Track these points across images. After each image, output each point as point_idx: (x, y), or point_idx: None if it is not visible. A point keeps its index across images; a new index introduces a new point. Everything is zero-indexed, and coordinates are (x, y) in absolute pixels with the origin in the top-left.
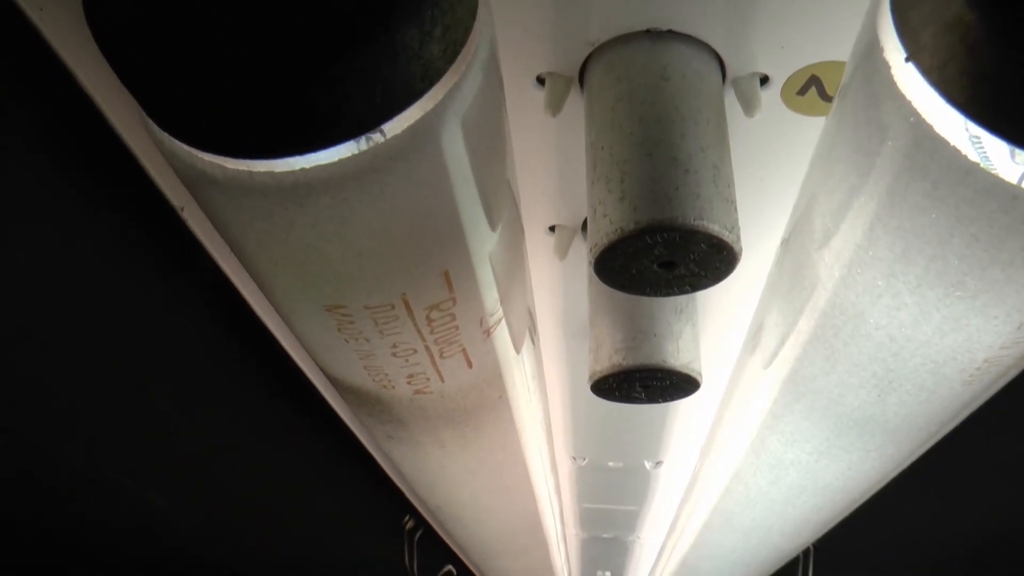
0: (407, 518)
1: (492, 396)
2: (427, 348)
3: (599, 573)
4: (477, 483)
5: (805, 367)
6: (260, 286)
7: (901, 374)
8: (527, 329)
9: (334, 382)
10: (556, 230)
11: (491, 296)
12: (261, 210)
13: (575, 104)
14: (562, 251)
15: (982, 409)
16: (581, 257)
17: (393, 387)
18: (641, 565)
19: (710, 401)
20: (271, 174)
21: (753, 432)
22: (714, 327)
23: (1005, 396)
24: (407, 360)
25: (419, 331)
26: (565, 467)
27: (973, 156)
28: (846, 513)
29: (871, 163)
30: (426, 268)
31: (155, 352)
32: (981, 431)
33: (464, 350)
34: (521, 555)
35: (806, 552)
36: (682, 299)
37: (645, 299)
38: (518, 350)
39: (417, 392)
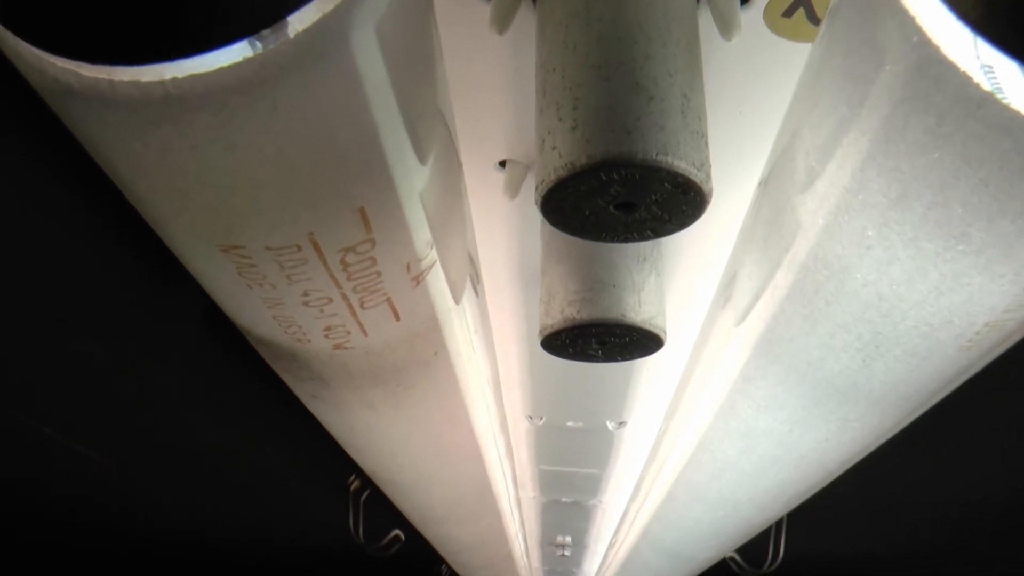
0: (352, 478)
1: (426, 352)
2: (344, 297)
3: (559, 538)
4: (414, 447)
5: (781, 326)
6: (146, 219)
7: (890, 337)
8: (468, 277)
9: (245, 333)
10: (507, 165)
11: (420, 238)
12: (129, 128)
13: (527, 20)
14: (513, 189)
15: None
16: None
17: (309, 341)
18: (603, 531)
19: (679, 359)
20: (136, 84)
21: (722, 396)
22: (682, 278)
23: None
24: (322, 310)
25: (333, 277)
26: (521, 427)
27: (986, 85)
28: (822, 485)
29: (865, 92)
30: (336, 203)
31: (78, 293)
32: (966, 395)
33: (389, 300)
34: (469, 522)
35: (779, 522)
36: (646, 245)
37: (603, 245)
38: (457, 300)
39: (337, 347)
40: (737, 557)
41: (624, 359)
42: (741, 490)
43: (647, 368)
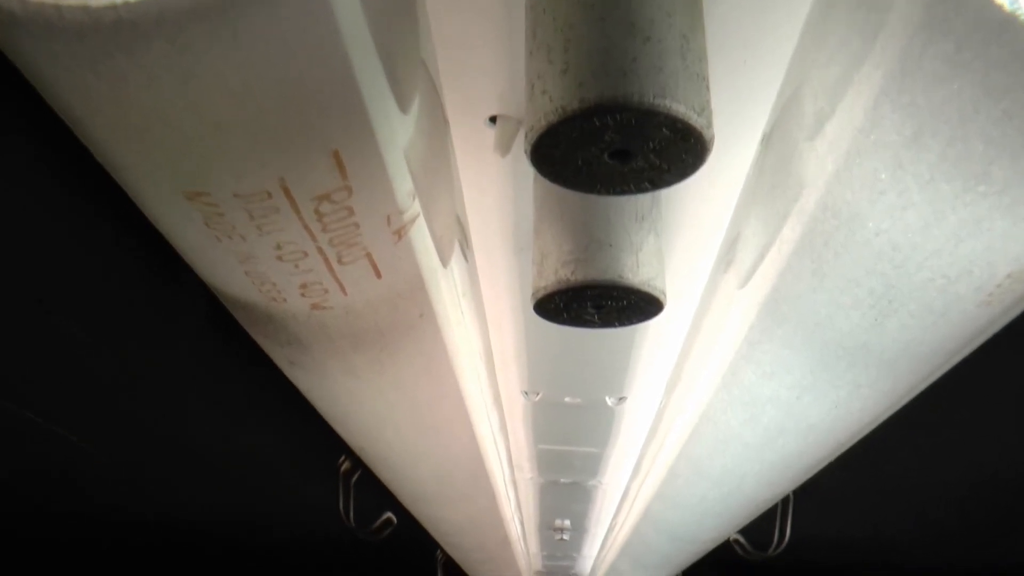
0: (342, 459)
1: (411, 314)
2: (320, 251)
3: (558, 522)
4: (401, 420)
5: (788, 284)
6: (107, 167)
7: (904, 292)
8: (455, 239)
9: (217, 293)
10: (498, 121)
11: (401, 188)
12: (80, 59)
13: None
14: (504, 146)
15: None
16: None
17: (284, 300)
18: (603, 513)
19: (680, 328)
20: (85, 9)
21: (725, 364)
22: (682, 241)
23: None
24: (296, 265)
25: (307, 228)
26: (517, 404)
27: (1008, 6)
28: (831, 458)
29: (879, 21)
30: (308, 146)
31: (58, 271)
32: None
33: (369, 255)
34: (461, 503)
35: (784, 500)
36: (644, 203)
37: (599, 202)
38: (444, 262)
39: (315, 307)
40: (742, 539)
41: (622, 324)
42: (746, 464)
43: (647, 339)
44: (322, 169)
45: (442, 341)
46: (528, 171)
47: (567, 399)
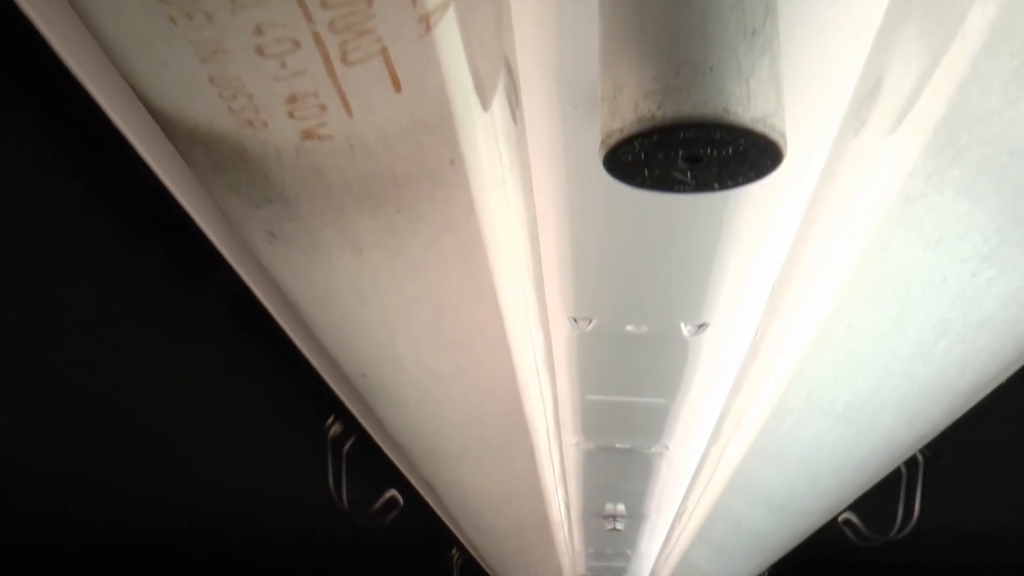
0: (330, 420)
1: (440, 158)
2: (318, 39)
3: (609, 507)
4: (418, 327)
5: (972, 98)
6: None
7: None
8: (499, 78)
9: (165, 120)
10: None
11: None
12: None
13: None
14: None
15: None
16: None
17: (265, 124)
18: (669, 493)
19: (798, 199)
20: None
21: (867, 237)
22: (801, 72)
23: None
24: (284, 64)
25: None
26: (560, 335)
27: None
28: (1004, 376)
29: None
30: None
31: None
32: None
33: (385, 52)
34: (492, 464)
35: (912, 477)
36: (756, 12)
37: (693, 10)
38: (484, 101)
39: (307, 135)
40: (854, 518)
41: (723, 185)
42: (887, 385)
43: (745, 227)
44: None
45: (476, 213)
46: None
47: (629, 327)
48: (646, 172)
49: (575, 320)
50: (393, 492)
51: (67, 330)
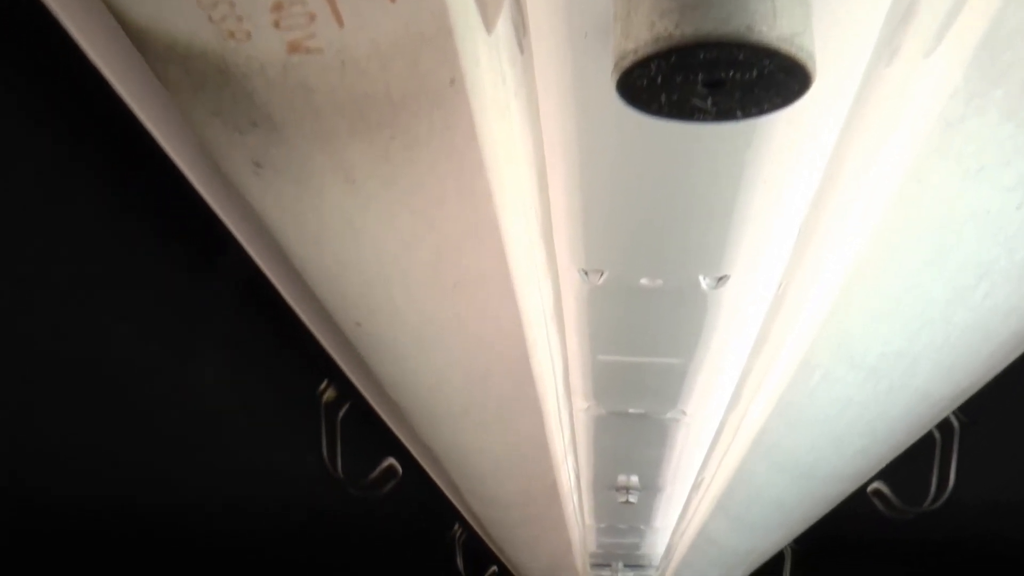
0: (324, 384)
1: (439, 77)
2: None
3: (622, 478)
4: (415, 267)
5: (1013, 16)
6: None
7: None
8: (507, 9)
9: (143, 42)
10: None
11: None
12: None
13: None
14: None
15: None
16: None
17: (248, 35)
18: (685, 462)
19: (828, 130)
20: None
21: (904, 166)
22: None
23: None
24: None
25: None
26: (570, 289)
27: None
28: None
29: None
30: None
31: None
32: None
33: None
34: (497, 425)
35: (947, 444)
36: None
37: None
38: (488, 23)
39: (295, 48)
40: (885, 488)
41: (748, 113)
42: (923, 332)
43: (770, 163)
44: None
45: (479, 140)
46: None
47: (643, 280)
48: (663, 98)
49: (585, 273)
50: (391, 460)
51: (35, 290)
